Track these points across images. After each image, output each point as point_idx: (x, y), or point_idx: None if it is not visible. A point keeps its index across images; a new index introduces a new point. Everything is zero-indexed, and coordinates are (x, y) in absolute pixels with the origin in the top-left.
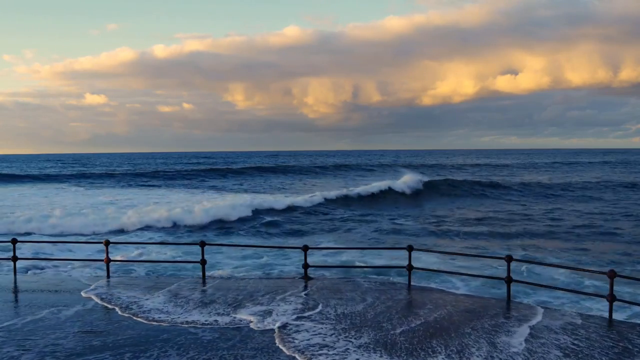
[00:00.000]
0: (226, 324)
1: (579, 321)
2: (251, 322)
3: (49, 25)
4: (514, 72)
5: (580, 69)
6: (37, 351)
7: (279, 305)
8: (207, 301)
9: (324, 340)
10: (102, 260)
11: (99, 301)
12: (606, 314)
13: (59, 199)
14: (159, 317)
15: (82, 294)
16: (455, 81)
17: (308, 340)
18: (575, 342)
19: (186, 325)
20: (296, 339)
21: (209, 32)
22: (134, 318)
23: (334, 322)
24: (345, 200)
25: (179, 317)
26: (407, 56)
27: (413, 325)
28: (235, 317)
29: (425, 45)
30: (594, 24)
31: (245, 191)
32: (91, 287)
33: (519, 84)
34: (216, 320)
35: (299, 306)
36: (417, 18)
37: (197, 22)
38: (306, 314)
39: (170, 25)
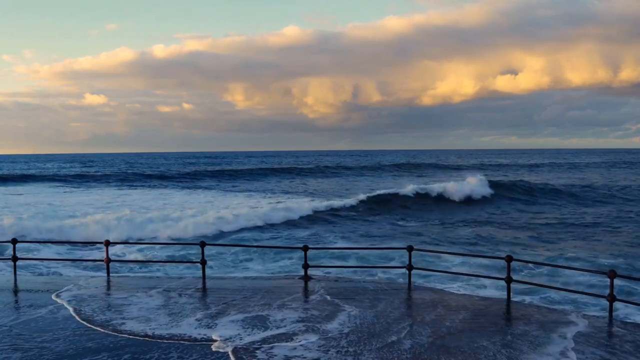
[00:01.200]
0: (204, 339)
1: (621, 330)
2: (235, 337)
3: (48, 25)
4: (514, 72)
5: (580, 69)
6: None
7: (278, 311)
8: (194, 307)
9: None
10: (102, 261)
11: (67, 306)
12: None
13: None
14: (130, 328)
15: (53, 296)
16: (455, 81)
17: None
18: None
19: (154, 340)
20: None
21: (209, 32)
22: (95, 328)
23: (329, 332)
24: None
25: (154, 329)
26: (407, 56)
27: (420, 339)
28: (219, 330)
29: (425, 45)
30: (594, 23)
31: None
32: (64, 289)
33: (518, 84)
34: (194, 335)
35: (295, 315)
36: (417, 18)
37: (196, 22)
38: (299, 327)
39: (170, 25)
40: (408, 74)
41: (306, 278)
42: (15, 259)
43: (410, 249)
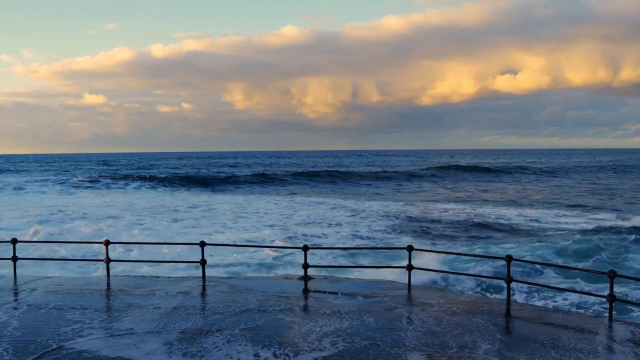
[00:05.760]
0: None
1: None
2: None
3: (47, 25)
4: (514, 72)
5: (580, 68)
6: None
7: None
8: (183, 316)
9: None
10: (102, 260)
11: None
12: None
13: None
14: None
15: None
16: (455, 81)
17: None
18: None
19: None
20: None
21: (207, 32)
22: None
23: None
24: None
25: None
26: (406, 56)
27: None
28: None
29: (424, 44)
30: (593, 23)
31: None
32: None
33: (518, 84)
34: None
35: (293, 323)
36: (416, 17)
37: (195, 22)
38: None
39: (168, 25)
40: (407, 73)
41: (306, 278)
42: (15, 258)
43: (410, 248)
